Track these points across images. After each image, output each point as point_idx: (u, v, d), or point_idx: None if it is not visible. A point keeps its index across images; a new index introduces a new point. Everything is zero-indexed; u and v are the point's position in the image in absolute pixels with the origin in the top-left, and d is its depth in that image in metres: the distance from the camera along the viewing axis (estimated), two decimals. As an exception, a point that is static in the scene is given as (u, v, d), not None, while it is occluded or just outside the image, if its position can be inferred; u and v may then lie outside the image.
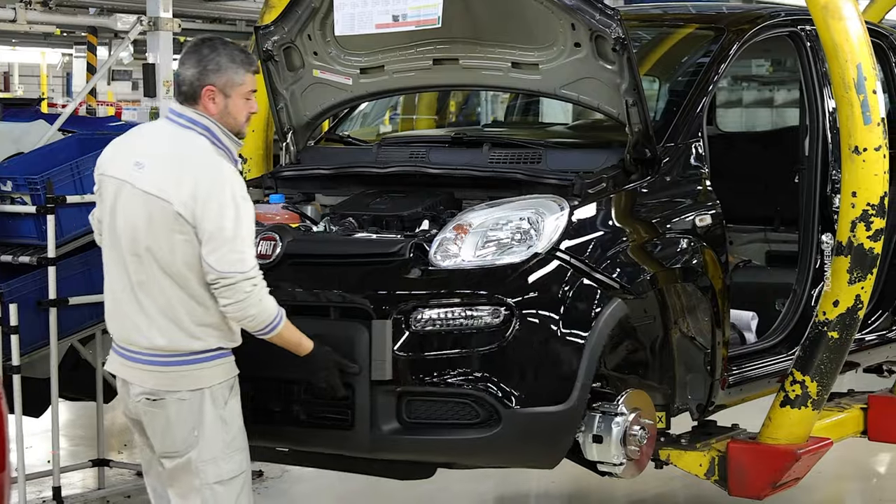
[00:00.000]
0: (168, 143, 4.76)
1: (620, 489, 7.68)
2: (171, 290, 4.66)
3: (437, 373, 5.07)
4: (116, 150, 4.89)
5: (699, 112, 5.98)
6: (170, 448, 4.75)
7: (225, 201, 4.62)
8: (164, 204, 4.62)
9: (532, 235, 5.23)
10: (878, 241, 5.83)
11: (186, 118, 4.76)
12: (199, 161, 4.69)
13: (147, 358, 4.71)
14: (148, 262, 4.67)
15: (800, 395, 5.94)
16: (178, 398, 4.70)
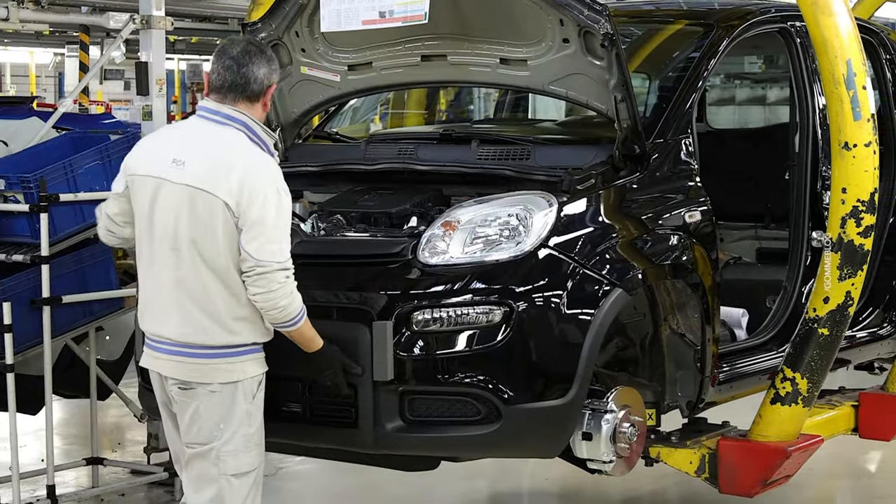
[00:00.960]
0: (207, 139, 4.80)
1: (614, 487, 7.67)
2: (211, 284, 4.71)
3: (438, 372, 5.09)
4: (148, 150, 4.94)
5: (688, 108, 5.97)
6: (195, 438, 4.82)
7: (269, 192, 4.69)
8: (209, 197, 4.67)
9: (521, 232, 5.22)
10: (868, 237, 5.81)
11: (223, 115, 4.80)
12: (242, 154, 4.74)
13: (181, 350, 4.78)
14: (189, 256, 4.71)
15: (790, 393, 5.92)
16: (210, 390, 4.76)
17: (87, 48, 17.59)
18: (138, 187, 4.84)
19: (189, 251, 4.70)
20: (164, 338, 4.82)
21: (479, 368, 5.09)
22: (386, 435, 5.11)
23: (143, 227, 4.83)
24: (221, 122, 4.80)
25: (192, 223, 4.69)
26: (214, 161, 4.72)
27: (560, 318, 5.18)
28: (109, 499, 7.65)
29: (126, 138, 7.38)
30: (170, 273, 4.75)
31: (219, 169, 4.68)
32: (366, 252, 5.38)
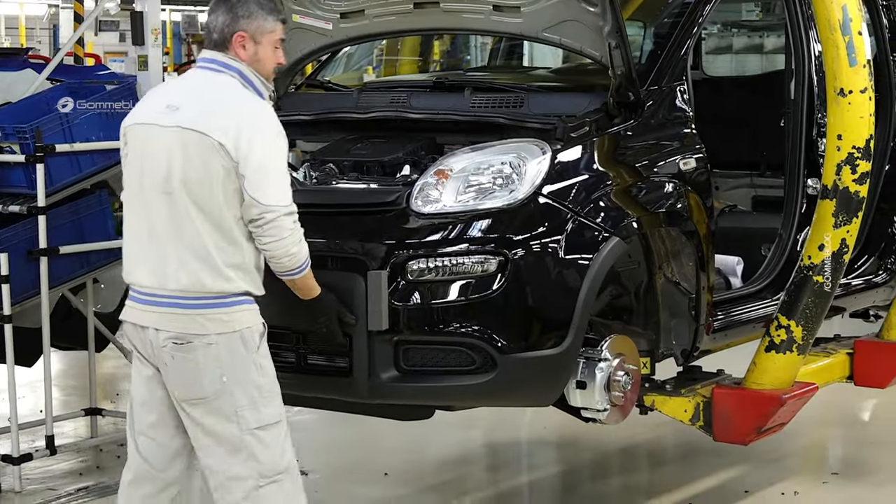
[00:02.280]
0: (202, 85, 4.75)
1: (611, 435, 7.69)
2: (203, 228, 4.58)
3: (433, 321, 5.08)
4: (143, 102, 4.89)
5: (683, 55, 5.92)
6: (197, 394, 4.65)
7: (268, 136, 4.61)
8: (202, 137, 4.57)
9: (514, 180, 5.20)
10: (863, 184, 5.78)
11: (218, 62, 4.74)
12: (237, 98, 4.68)
13: (175, 301, 4.62)
14: (181, 199, 4.59)
15: (785, 340, 5.90)
16: (207, 342, 4.61)
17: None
18: (131, 138, 4.76)
19: (181, 194, 4.58)
20: (154, 289, 4.66)
21: (473, 318, 5.07)
22: (381, 384, 5.11)
23: (133, 176, 4.74)
24: (216, 69, 4.73)
25: (184, 165, 4.58)
26: (207, 104, 4.65)
27: (555, 267, 5.17)
28: (108, 449, 7.66)
29: (122, 88, 7.35)
30: (162, 218, 4.63)
31: (211, 111, 4.61)
32: (359, 201, 5.37)
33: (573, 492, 7.23)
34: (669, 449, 7.78)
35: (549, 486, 7.35)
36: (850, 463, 7.65)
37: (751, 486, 7.01)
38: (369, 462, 7.42)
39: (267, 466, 4.67)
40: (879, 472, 7.33)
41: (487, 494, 7.13)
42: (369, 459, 7.45)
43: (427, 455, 7.67)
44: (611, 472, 7.57)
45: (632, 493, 7.08)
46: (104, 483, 7.06)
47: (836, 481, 7.19)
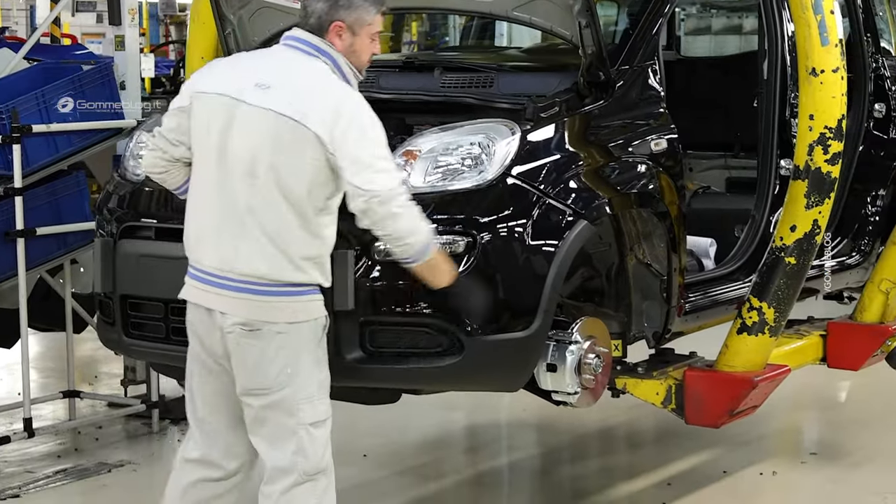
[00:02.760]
0: (293, 66, 4.65)
1: (590, 417, 7.68)
2: (287, 217, 4.50)
3: (399, 302, 5.01)
4: (223, 70, 4.76)
5: (654, 34, 5.87)
6: (260, 384, 4.59)
7: (365, 123, 4.54)
8: (297, 125, 4.48)
9: (483, 160, 5.14)
10: (835, 164, 5.74)
11: (313, 46, 4.66)
12: (332, 87, 4.59)
13: (246, 286, 4.53)
14: (266, 185, 4.50)
15: (757, 322, 5.86)
16: (276, 331, 4.54)
17: (57, -21, 17.35)
18: (206, 106, 4.62)
19: (267, 180, 4.49)
20: (223, 271, 4.55)
21: (440, 299, 4.99)
22: (346, 366, 5.02)
23: (210, 150, 4.59)
24: (310, 52, 4.65)
25: (274, 150, 4.49)
26: (301, 90, 4.54)
27: (524, 249, 5.11)
28: (87, 431, 7.67)
29: (98, 69, 7.33)
30: (242, 201, 4.52)
31: (306, 98, 4.51)
32: None
33: (552, 473, 7.22)
34: (647, 430, 7.77)
35: (528, 467, 7.34)
36: (828, 444, 7.65)
37: (728, 466, 7.02)
38: (348, 444, 7.33)
39: (311, 463, 4.64)
40: (857, 451, 7.33)
41: (466, 476, 7.13)
42: (348, 441, 7.35)
43: (406, 437, 7.65)
44: (589, 454, 7.56)
45: (610, 475, 7.08)
46: (82, 465, 7.07)
47: (815, 461, 7.20)
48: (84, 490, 6.79)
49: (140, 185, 5.52)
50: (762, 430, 7.63)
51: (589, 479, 7.05)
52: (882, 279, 7.00)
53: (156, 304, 5.32)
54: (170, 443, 7.53)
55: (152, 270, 5.31)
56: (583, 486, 6.93)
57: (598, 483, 6.94)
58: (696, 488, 6.74)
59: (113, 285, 5.42)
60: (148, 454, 7.35)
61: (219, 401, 4.75)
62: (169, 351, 5.33)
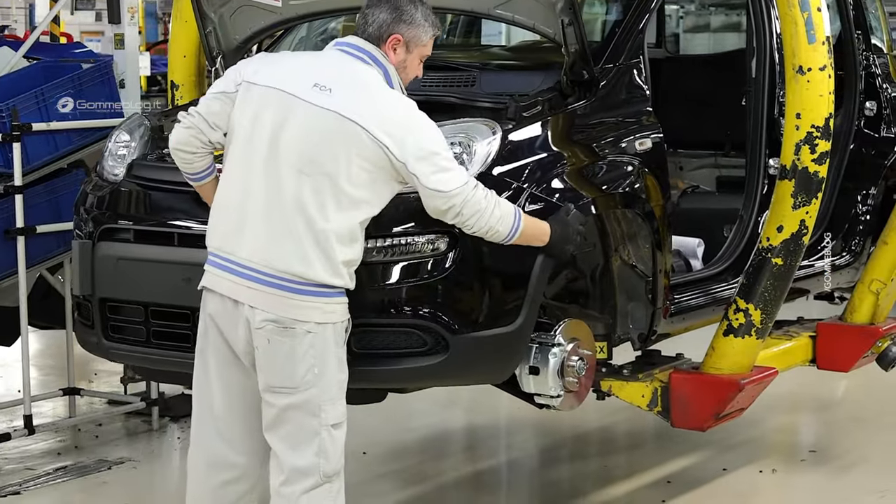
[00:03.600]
0: (350, 72, 4.68)
1: (589, 415, 7.66)
2: (334, 219, 4.52)
3: (383, 303, 4.95)
4: (278, 65, 4.76)
5: (639, 33, 5.79)
6: (287, 382, 4.57)
7: (428, 128, 4.61)
8: (359, 130, 4.52)
9: (464, 160, 5.07)
10: (822, 164, 5.66)
11: (369, 54, 4.71)
12: (391, 95, 4.66)
13: (281, 283, 4.53)
14: (319, 185, 4.52)
15: (743, 324, 5.79)
16: (307, 329, 4.54)
17: (57, -23, 17.30)
18: (257, 97, 4.63)
19: (321, 180, 4.51)
20: (256, 264, 4.54)
21: (424, 299, 4.96)
22: None
23: (259, 141, 4.58)
24: (364, 59, 4.70)
25: (333, 152, 4.52)
26: (363, 96, 4.59)
27: (506, 247, 5.05)
28: (87, 428, 7.69)
29: (98, 67, 7.38)
30: (291, 196, 4.52)
31: (369, 105, 4.56)
32: None
33: (551, 472, 7.18)
34: (646, 429, 7.74)
35: (528, 465, 7.32)
36: (826, 442, 7.60)
37: (728, 464, 7.00)
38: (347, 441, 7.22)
39: (330, 465, 4.64)
40: (854, 450, 7.32)
41: (466, 473, 7.11)
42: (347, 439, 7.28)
43: (406, 434, 7.63)
44: (588, 452, 7.52)
45: (609, 473, 7.04)
46: (82, 462, 7.09)
47: (813, 459, 7.17)
48: (84, 487, 6.81)
49: (118, 186, 5.46)
50: (760, 429, 7.61)
51: (588, 478, 7.01)
52: (872, 279, 6.93)
53: (136, 307, 5.28)
54: (169, 440, 7.55)
55: (132, 273, 5.26)
56: (582, 485, 6.90)
57: (598, 481, 6.90)
58: (696, 486, 6.73)
59: (92, 288, 5.36)
60: (148, 451, 7.38)
61: (235, 394, 4.73)
62: (150, 355, 5.29)
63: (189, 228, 5.15)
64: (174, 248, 5.19)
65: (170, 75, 6.58)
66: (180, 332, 5.16)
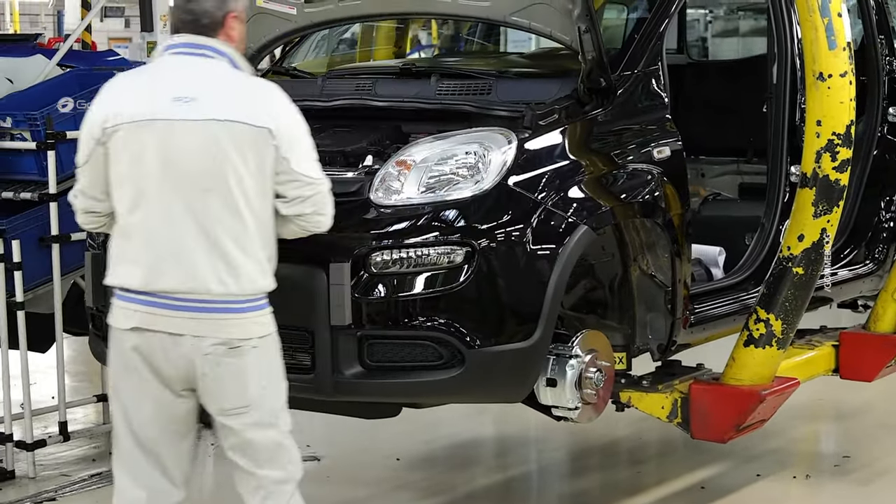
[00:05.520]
0: (203, 72, 4.46)
1: (620, 421, 7.48)
2: (250, 222, 4.37)
3: (398, 315, 4.92)
4: (127, 95, 4.49)
5: (657, 39, 5.73)
6: (240, 402, 4.45)
7: (295, 113, 4.48)
8: (243, 126, 4.33)
9: (480, 170, 5.04)
10: (844, 172, 5.57)
11: (209, 48, 4.46)
12: (252, 82, 4.52)
13: (223, 306, 4.38)
14: (225, 194, 4.34)
15: (764, 334, 5.71)
16: (252, 346, 4.42)
17: (90, -16, 17.39)
18: (131, 136, 4.39)
19: (225, 189, 4.33)
20: (190, 293, 4.36)
21: (439, 311, 4.92)
22: (345, 381, 4.96)
23: (147, 178, 4.37)
24: (210, 55, 4.46)
25: (226, 158, 4.32)
26: (230, 92, 4.41)
27: (523, 258, 5.01)
28: None
29: None
30: (203, 217, 4.34)
31: (239, 99, 4.38)
32: None
33: (582, 477, 7.17)
34: (678, 435, 7.58)
35: (558, 472, 7.28)
36: (858, 448, 7.49)
37: (763, 470, 6.95)
38: (380, 447, 7.35)
39: (298, 468, 4.58)
40: (887, 456, 7.23)
41: (496, 481, 7.06)
42: (380, 444, 7.38)
43: (436, 442, 7.59)
44: (619, 459, 7.46)
45: (641, 479, 6.98)
46: None
47: (848, 464, 7.10)
48: None
49: None
50: (791, 436, 7.55)
51: (619, 485, 6.94)
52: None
53: None
54: (202, 446, 7.40)
55: None
56: (613, 492, 6.83)
57: (629, 488, 6.83)
58: (731, 492, 6.67)
59: (104, 299, 5.32)
60: None
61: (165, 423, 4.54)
62: None
63: None
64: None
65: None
66: None
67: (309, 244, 4.92)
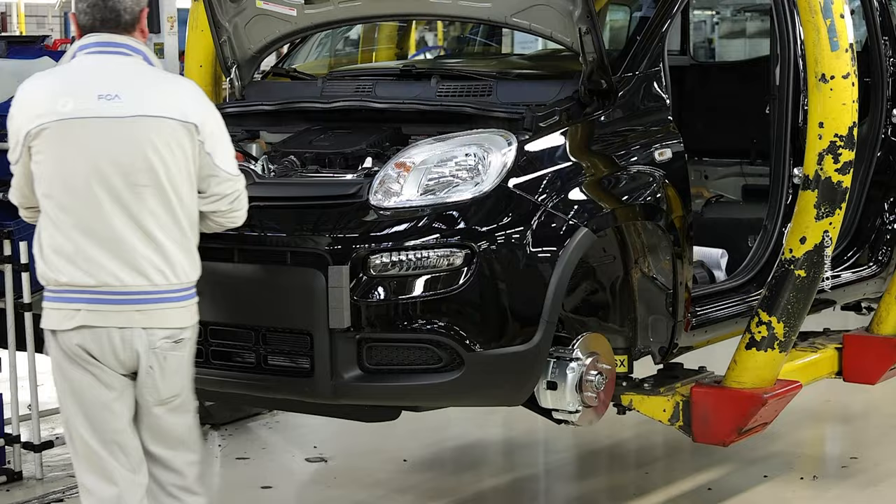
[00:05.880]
0: (125, 70, 4.49)
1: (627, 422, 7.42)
2: (181, 214, 4.44)
3: (397, 318, 4.89)
4: (49, 95, 4.47)
5: (659, 41, 5.70)
6: (176, 391, 4.55)
7: (214, 108, 4.59)
8: (169, 122, 4.40)
9: (479, 172, 5.02)
10: (846, 174, 5.54)
11: (126, 46, 4.51)
12: (171, 79, 4.61)
13: (165, 295, 4.45)
14: (159, 190, 4.39)
15: (766, 337, 5.67)
16: (188, 336, 4.54)
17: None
18: (57, 135, 4.41)
19: (158, 184, 4.39)
20: (133, 286, 4.41)
21: (439, 314, 4.88)
22: (344, 384, 4.92)
23: (77, 176, 4.40)
24: (126, 53, 4.50)
25: (160, 153, 4.38)
26: (153, 88, 4.46)
27: (523, 261, 4.98)
28: None
29: None
30: (137, 212, 4.39)
31: (163, 94, 4.44)
32: (318, 194, 5.16)
33: (590, 478, 7.18)
34: (684, 437, 7.60)
35: (565, 472, 7.27)
36: (865, 449, 7.46)
37: (770, 471, 6.93)
38: (387, 448, 7.35)
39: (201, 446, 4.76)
40: (894, 458, 7.22)
41: (504, 482, 7.04)
42: (387, 446, 7.38)
43: (444, 443, 7.57)
44: (627, 460, 7.44)
45: (649, 480, 6.96)
46: None
47: (856, 465, 7.07)
48: None
49: None
50: (796, 437, 7.55)
51: (628, 486, 6.92)
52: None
53: None
54: (210, 447, 7.52)
55: None
56: (621, 493, 6.81)
57: (637, 489, 6.82)
58: (738, 493, 6.66)
59: None
60: None
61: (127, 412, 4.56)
62: None
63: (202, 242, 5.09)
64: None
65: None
66: None
67: (308, 246, 4.94)
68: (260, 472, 7.03)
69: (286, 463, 7.25)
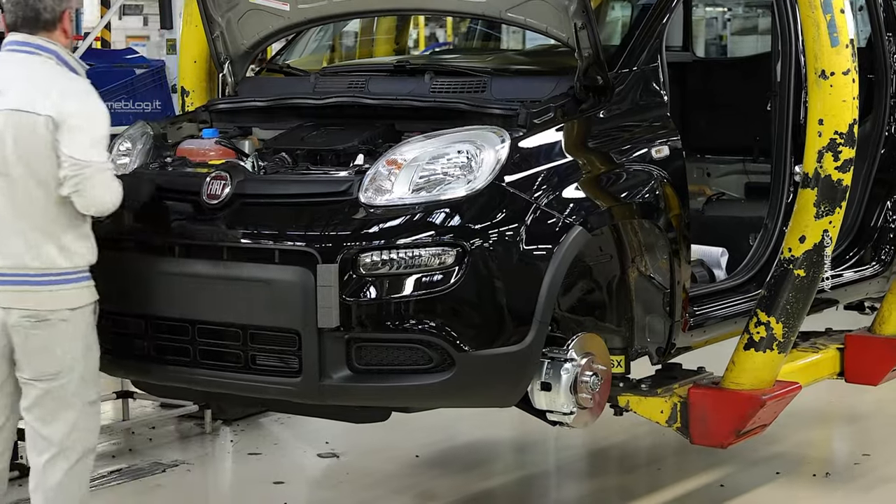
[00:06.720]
0: (21, 68, 4.88)
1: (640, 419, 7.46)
2: (47, 204, 4.77)
3: (387, 317, 4.82)
4: None
5: (656, 36, 5.62)
6: (47, 369, 4.86)
7: (86, 101, 4.83)
8: (31, 116, 4.74)
9: (472, 169, 4.93)
10: (846, 172, 5.47)
11: (34, 45, 4.89)
12: (55, 75, 4.87)
13: (28, 279, 4.80)
14: (23, 181, 4.75)
15: (764, 338, 5.60)
16: (61, 318, 4.83)
17: (108, -18, 17.35)
18: None
19: (21, 175, 4.74)
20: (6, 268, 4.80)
21: (429, 313, 4.80)
22: (332, 385, 4.86)
23: None
24: (32, 52, 4.87)
25: (18, 146, 4.73)
26: (31, 83, 4.80)
27: (516, 260, 4.90)
28: (140, 431, 7.74)
29: (150, 73, 7.54)
30: (10, 199, 4.76)
31: (36, 90, 4.78)
32: (308, 191, 5.08)
33: (601, 474, 7.19)
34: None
35: (576, 470, 7.27)
36: (879, 445, 7.46)
37: (782, 468, 6.93)
38: (399, 444, 7.36)
39: (90, 441, 4.98)
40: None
41: (514, 479, 7.05)
42: (399, 442, 7.38)
43: (456, 437, 7.58)
44: (639, 456, 7.43)
45: (661, 476, 6.96)
46: (137, 465, 7.14)
47: (868, 462, 7.07)
48: (139, 490, 6.84)
49: None
50: (810, 435, 7.56)
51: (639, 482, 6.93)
52: (902, 290, 6.72)
53: (136, 320, 5.20)
54: (222, 443, 7.58)
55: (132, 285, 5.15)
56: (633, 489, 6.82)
57: (649, 486, 6.81)
58: (750, 489, 6.66)
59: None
60: (201, 454, 7.40)
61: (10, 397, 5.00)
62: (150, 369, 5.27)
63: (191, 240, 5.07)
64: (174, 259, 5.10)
65: (180, 81, 6.48)
66: (180, 346, 5.06)
67: (295, 245, 4.87)
68: (272, 468, 7.06)
69: (298, 459, 7.29)
